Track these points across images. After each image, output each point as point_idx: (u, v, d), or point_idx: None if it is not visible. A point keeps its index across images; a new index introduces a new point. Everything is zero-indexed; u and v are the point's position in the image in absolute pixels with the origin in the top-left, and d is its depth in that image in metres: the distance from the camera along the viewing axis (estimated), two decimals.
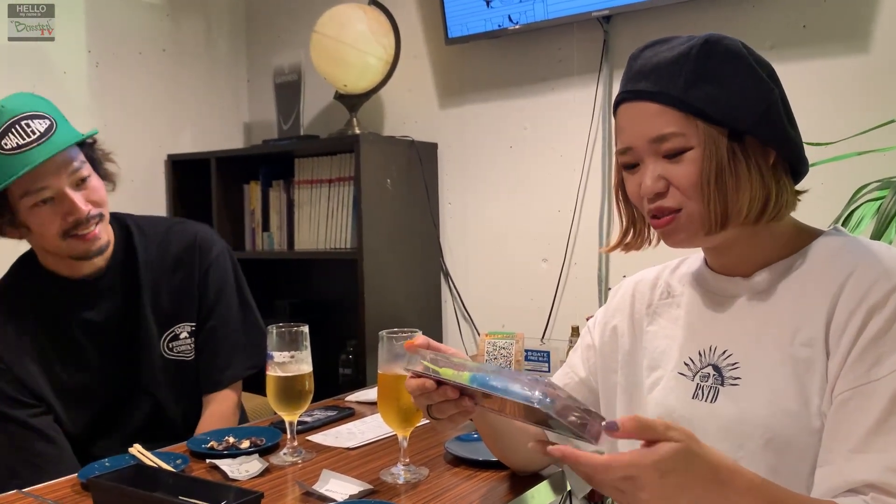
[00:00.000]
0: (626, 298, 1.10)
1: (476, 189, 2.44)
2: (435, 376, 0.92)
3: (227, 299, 1.56)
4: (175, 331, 1.52)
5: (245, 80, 2.97)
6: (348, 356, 2.42)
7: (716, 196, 0.88)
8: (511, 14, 2.19)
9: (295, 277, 2.77)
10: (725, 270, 0.98)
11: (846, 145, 1.61)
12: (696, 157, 0.88)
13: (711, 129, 0.88)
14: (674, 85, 0.89)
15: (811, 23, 1.87)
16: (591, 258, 2.21)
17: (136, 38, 2.59)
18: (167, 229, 1.56)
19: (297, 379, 1.26)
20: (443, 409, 0.96)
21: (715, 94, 0.88)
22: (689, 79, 0.88)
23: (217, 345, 1.54)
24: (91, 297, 1.46)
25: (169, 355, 1.51)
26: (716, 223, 0.89)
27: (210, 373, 1.54)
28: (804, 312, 0.88)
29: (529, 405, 0.80)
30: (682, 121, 0.88)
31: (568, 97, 2.23)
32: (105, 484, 1.05)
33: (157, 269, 1.51)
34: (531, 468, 1.17)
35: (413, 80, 2.53)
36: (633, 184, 0.95)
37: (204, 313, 1.54)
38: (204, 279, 1.53)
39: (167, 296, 1.51)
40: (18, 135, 1.28)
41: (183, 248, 1.53)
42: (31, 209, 1.33)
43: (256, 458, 1.24)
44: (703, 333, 0.97)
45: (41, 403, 1.41)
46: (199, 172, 2.60)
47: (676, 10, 1.99)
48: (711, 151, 0.88)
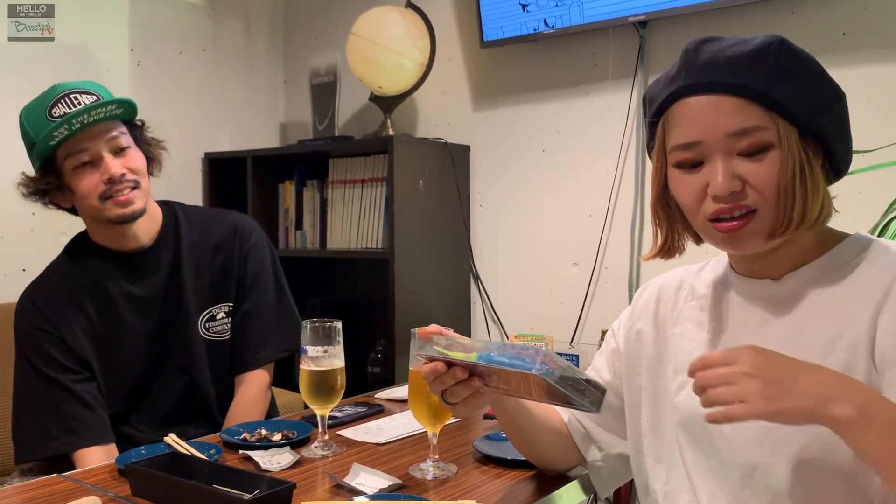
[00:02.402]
0: (651, 302, 1.08)
1: (507, 192, 2.44)
2: (445, 358, 0.96)
3: (264, 284, 1.61)
4: (213, 311, 1.57)
5: (282, 80, 3.02)
6: (377, 355, 2.44)
7: (794, 198, 0.85)
8: (547, 18, 2.20)
9: (327, 276, 2.80)
10: (753, 273, 0.95)
11: (885, 154, 1.60)
12: (777, 156, 0.85)
13: (791, 128, 0.86)
14: (756, 79, 0.85)
15: (851, 30, 1.85)
16: (621, 263, 2.20)
17: (177, 37, 2.65)
18: (211, 216, 1.64)
19: (330, 373, 1.28)
20: (455, 392, 0.97)
21: (797, 91, 0.86)
22: (770, 74, 0.85)
23: (252, 326, 1.59)
24: (137, 272, 1.52)
25: (206, 335, 1.56)
26: (786, 226, 0.86)
27: (243, 353, 1.59)
28: (843, 319, 0.86)
29: (528, 373, 0.85)
30: (764, 116, 0.85)
31: (602, 102, 2.23)
32: (142, 470, 1.08)
33: (200, 251, 1.57)
34: (557, 466, 1.17)
35: (447, 83, 2.55)
36: (691, 184, 0.90)
37: (241, 296, 1.59)
38: (243, 263, 1.59)
39: (207, 277, 1.57)
40: (66, 104, 1.39)
41: (225, 233, 1.60)
42: (73, 171, 1.42)
43: (288, 450, 1.26)
44: (731, 337, 0.95)
45: (86, 371, 1.46)
46: (235, 171, 2.65)
47: (715, 16, 1.98)
48: (792, 150, 0.85)
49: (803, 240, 0.91)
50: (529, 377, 0.87)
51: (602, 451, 1.12)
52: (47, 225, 1.98)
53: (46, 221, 1.81)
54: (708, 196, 0.88)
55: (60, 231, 1.83)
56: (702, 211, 0.90)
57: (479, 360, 0.93)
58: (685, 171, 0.90)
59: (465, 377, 0.95)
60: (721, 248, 0.94)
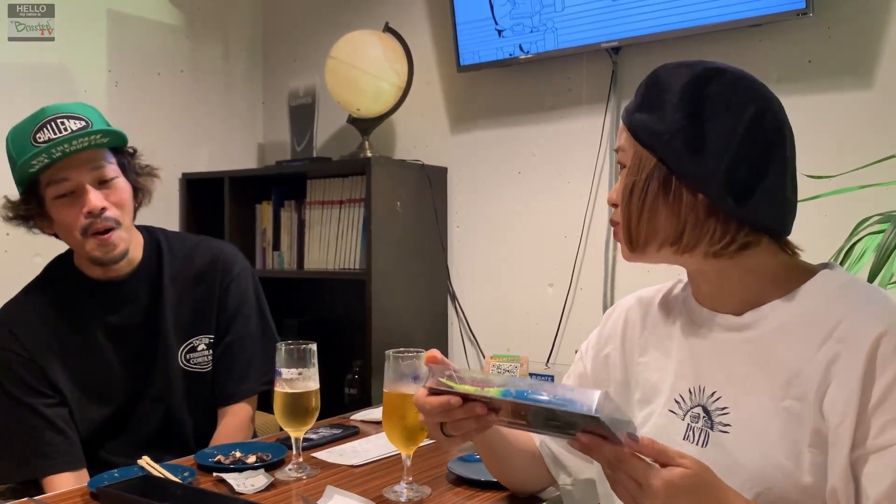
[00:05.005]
0: (619, 326, 1.09)
1: (484, 213, 2.47)
2: (462, 393, 0.90)
3: (246, 315, 1.59)
4: (193, 343, 1.55)
5: (260, 101, 3.03)
6: (354, 376, 2.44)
7: (628, 212, 0.93)
8: (522, 43, 2.24)
9: (304, 297, 2.80)
10: (712, 304, 0.96)
11: (848, 178, 1.64)
12: (625, 173, 0.95)
13: (643, 152, 0.92)
14: (631, 105, 0.97)
15: (816, 58, 1.91)
16: (596, 284, 2.23)
17: (156, 58, 2.66)
18: (194, 245, 1.61)
19: (304, 395, 1.29)
20: (461, 425, 0.94)
21: (645, 122, 0.92)
22: (633, 105, 0.96)
23: (233, 359, 1.58)
24: (116, 300, 1.50)
25: (186, 366, 1.55)
26: (632, 239, 0.94)
27: (225, 386, 1.57)
28: (795, 363, 0.86)
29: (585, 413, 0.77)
30: (627, 140, 0.95)
31: (576, 126, 2.27)
32: (115, 493, 1.08)
33: (181, 281, 1.55)
34: (528, 488, 1.18)
35: (425, 106, 2.58)
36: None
37: (222, 328, 1.58)
38: (224, 294, 1.57)
39: (188, 308, 1.55)
40: (51, 129, 1.35)
41: (206, 263, 1.58)
42: (54, 200, 1.39)
43: (262, 472, 1.26)
44: (694, 370, 0.96)
45: (58, 396, 1.44)
46: (212, 191, 2.65)
47: (685, 43, 2.03)
48: (634, 171, 0.93)
49: (764, 272, 0.92)
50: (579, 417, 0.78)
51: (571, 476, 1.13)
52: (21, 246, 1.97)
53: (21, 243, 1.79)
54: None
55: (35, 252, 1.82)
56: None
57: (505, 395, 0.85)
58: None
59: (484, 413, 0.90)
60: None
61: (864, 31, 1.84)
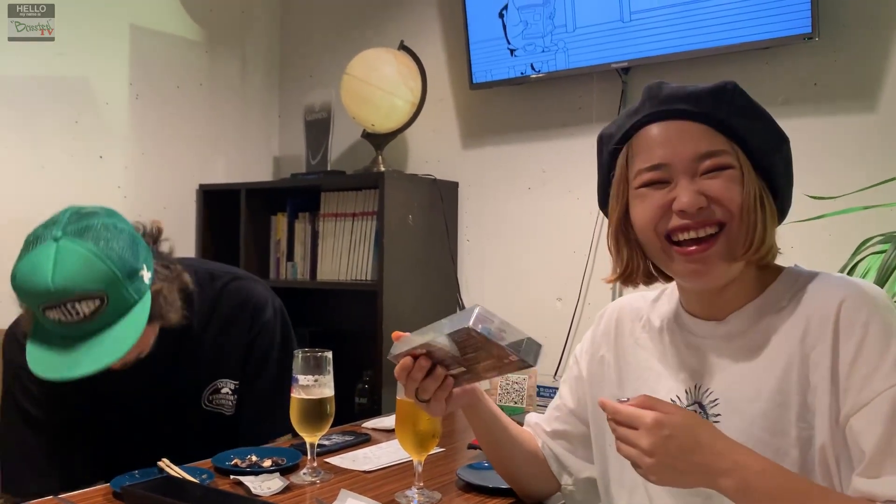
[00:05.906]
0: (611, 328, 1.13)
1: (494, 228, 2.51)
2: (409, 350, 1.03)
3: (272, 364, 1.56)
4: (217, 385, 1.53)
5: (277, 115, 3.09)
6: (364, 385, 2.48)
7: (756, 219, 0.90)
8: (534, 63, 2.29)
9: (316, 307, 2.84)
10: (702, 313, 1.00)
11: (853, 199, 1.67)
12: (738, 177, 0.90)
13: (747, 159, 0.92)
14: (718, 110, 0.91)
15: (822, 81, 1.95)
16: (604, 298, 2.26)
17: (175, 72, 2.72)
18: (224, 285, 1.55)
19: (320, 402, 1.33)
20: (426, 387, 1.04)
21: (752, 127, 0.92)
22: (731, 109, 0.91)
23: (261, 405, 1.55)
24: None
25: (208, 407, 1.53)
26: (747, 248, 0.90)
27: (251, 430, 1.55)
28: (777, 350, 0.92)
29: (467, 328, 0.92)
30: (725, 143, 0.91)
31: (586, 143, 2.31)
32: (139, 493, 1.12)
33: (209, 324, 1.51)
34: (534, 491, 1.22)
35: (437, 122, 2.63)
36: (654, 199, 0.93)
37: (249, 375, 1.55)
38: (252, 342, 1.54)
39: (214, 351, 1.52)
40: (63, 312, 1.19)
41: (236, 307, 1.54)
42: None
43: (278, 476, 1.30)
44: (687, 371, 1.00)
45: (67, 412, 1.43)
46: (228, 202, 2.70)
47: (693, 65, 2.08)
48: (751, 176, 0.91)
49: (746, 278, 0.96)
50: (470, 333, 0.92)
51: (572, 476, 1.17)
52: None
53: None
54: (670, 213, 0.91)
55: None
56: (659, 227, 0.93)
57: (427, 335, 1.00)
58: (650, 188, 0.93)
59: (429, 364, 1.03)
60: (680, 278, 0.98)
61: (870, 56, 1.88)
